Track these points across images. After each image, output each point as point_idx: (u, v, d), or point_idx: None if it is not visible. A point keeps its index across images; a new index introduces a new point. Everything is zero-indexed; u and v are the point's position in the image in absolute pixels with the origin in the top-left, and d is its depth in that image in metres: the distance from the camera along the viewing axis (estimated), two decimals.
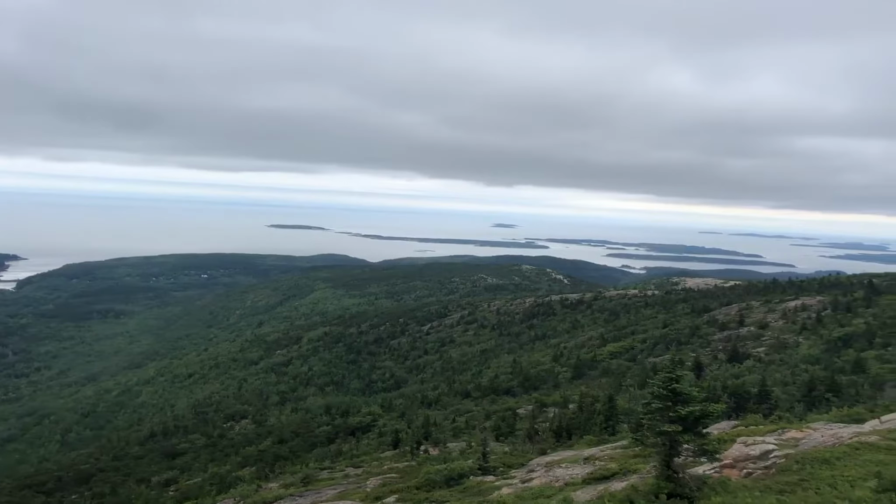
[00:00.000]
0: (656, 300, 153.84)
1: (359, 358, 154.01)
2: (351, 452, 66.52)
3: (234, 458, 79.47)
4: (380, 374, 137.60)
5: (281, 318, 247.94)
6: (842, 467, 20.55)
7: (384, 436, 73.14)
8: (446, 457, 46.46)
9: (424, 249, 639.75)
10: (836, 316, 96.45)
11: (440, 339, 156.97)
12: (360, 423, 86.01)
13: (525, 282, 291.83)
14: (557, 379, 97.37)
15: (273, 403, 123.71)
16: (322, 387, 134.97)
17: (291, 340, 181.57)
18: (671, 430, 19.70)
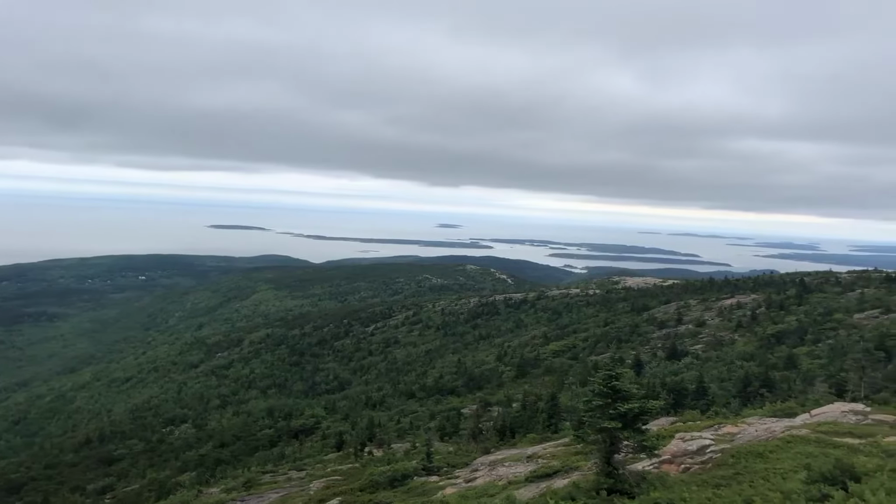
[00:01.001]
0: (597, 299, 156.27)
1: (302, 360, 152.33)
2: (294, 455, 65.84)
3: (174, 463, 77.84)
4: (323, 376, 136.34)
5: (222, 321, 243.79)
6: (774, 460, 21.22)
7: (328, 438, 72.58)
8: (391, 458, 46.32)
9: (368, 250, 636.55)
10: (769, 313, 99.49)
11: (385, 340, 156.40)
12: (304, 426, 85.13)
13: (469, 282, 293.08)
14: (501, 378, 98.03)
15: (214, 407, 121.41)
16: (264, 389, 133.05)
17: (233, 343, 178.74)
18: (611, 426, 20.01)
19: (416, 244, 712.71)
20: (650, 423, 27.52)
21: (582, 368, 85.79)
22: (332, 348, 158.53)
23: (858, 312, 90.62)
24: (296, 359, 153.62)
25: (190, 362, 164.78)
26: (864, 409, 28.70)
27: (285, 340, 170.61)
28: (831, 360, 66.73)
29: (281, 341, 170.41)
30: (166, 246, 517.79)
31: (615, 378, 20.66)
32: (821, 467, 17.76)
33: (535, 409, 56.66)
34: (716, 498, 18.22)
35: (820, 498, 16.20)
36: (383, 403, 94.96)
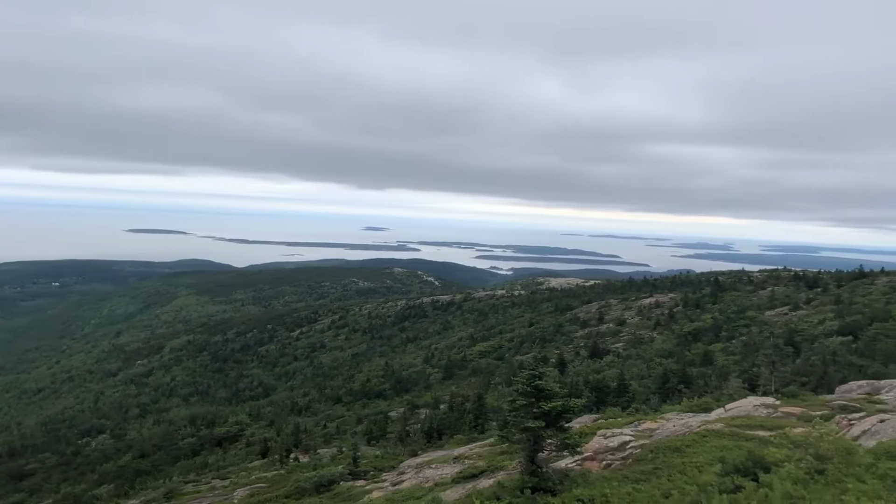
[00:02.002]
0: (523, 300, 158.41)
1: (225, 366, 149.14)
2: (217, 464, 64.43)
3: (91, 476, 74.92)
4: (247, 383, 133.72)
5: (141, 327, 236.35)
6: (691, 454, 21.94)
7: (252, 445, 71.27)
8: (317, 463, 45.85)
9: (293, 253, 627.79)
10: (686, 312, 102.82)
11: (310, 345, 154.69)
12: (227, 433, 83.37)
13: (397, 284, 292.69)
14: (429, 380, 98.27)
15: (133, 416, 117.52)
16: (186, 397, 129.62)
17: (153, 350, 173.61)
18: (535, 425, 20.30)
19: (342, 247, 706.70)
20: (573, 421, 28.09)
21: (508, 369, 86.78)
22: (257, 354, 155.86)
23: (769, 310, 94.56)
24: (219, 365, 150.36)
25: (108, 371, 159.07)
26: (774, 403, 29.96)
27: (207, 347, 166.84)
28: (744, 356, 69.38)
29: (203, 347, 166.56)
30: (82, 251, 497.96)
31: (538, 377, 20.97)
32: (734, 460, 18.45)
33: (462, 410, 56.98)
34: (636, 493, 18.71)
35: (733, 489, 16.83)
36: (309, 409, 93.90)
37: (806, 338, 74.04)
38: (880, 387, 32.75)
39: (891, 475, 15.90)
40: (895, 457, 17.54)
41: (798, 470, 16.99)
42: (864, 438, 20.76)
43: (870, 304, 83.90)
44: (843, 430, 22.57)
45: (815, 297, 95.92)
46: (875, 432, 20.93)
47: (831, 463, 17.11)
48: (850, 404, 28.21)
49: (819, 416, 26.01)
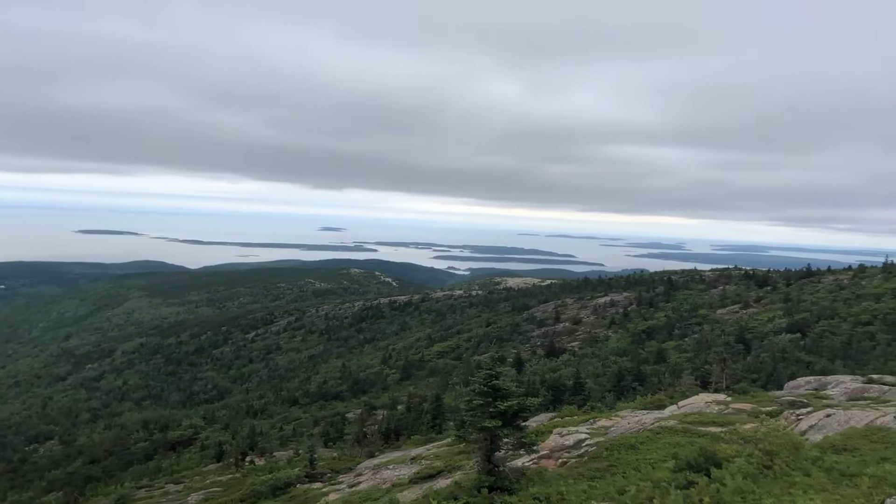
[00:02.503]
0: (480, 300, 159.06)
1: (179, 369, 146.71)
2: (171, 468, 63.37)
3: (39, 483, 73.01)
4: (202, 385, 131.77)
5: (92, 330, 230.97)
6: (645, 451, 22.27)
7: (207, 449, 70.33)
8: (273, 466, 45.42)
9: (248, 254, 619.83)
10: (640, 310, 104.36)
11: (266, 347, 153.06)
12: (181, 437, 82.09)
13: (354, 285, 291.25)
14: (386, 381, 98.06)
15: (84, 421, 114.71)
16: (139, 401, 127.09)
17: (104, 353, 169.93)
18: (491, 425, 20.36)
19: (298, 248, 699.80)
20: (530, 420, 28.29)
21: (465, 369, 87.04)
22: (211, 356, 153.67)
23: (721, 308, 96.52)
24: (172, 368, 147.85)
25: (56, 375, 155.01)
26: (725, 399, 30.57)
27: (161, 349, 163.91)
28: (697, 353, 70.74)
29: (156, 350, 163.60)
30: (29, 252, 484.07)
31: (495, 377, 21.04)
32: (687, 456, 18.76)
33: (420, 410, 56.97)
34: (591, 490, 18.91)
35: (686, 485, 17.11)
36: (265, 411, 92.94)
37: (756, 335, 75.80)
38: (827, 382, 33.65)
39: (836, 469, 16.35)
40: (840, 451, 18.05)
41: (748, 465, 17.36)
42: (811, 433, 21.31)
43: (817, 302, 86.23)
44: (791, 425, 23.15)
45: (765, 296, 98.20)
46: (821, 427, 21.51)
47: (780, 458, 17.52)
48: (798, 400, 28.93)
49: (768, 412, 26.66)
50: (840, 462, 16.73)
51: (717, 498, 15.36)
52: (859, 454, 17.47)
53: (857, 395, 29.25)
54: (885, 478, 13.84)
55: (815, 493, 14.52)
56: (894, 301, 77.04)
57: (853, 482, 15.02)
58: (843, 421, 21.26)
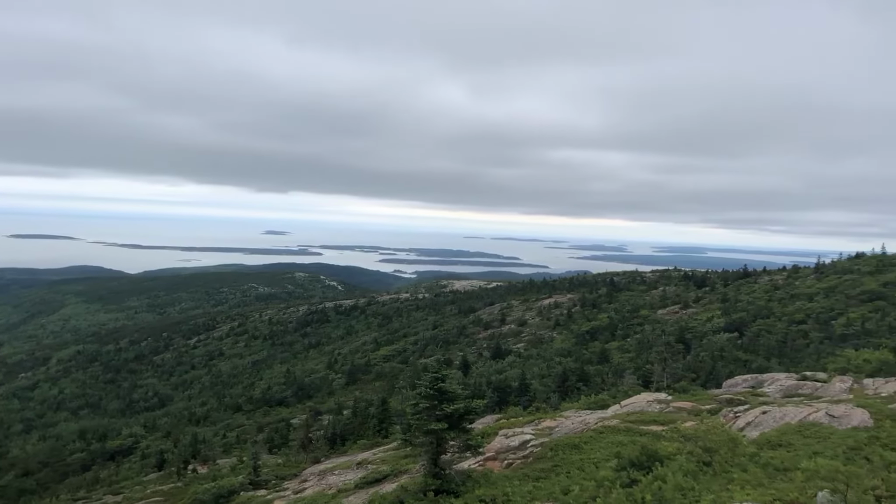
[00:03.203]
0: (426, 303, 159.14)
1: (118, 377, 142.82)
2: (110, 479, 61.69)
3: None
4: (142, 393, 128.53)
5: (25, 338, 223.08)
6: (589, 451, 22.56)
7: (148, 458, 68.65)
8: (216, 474, 44.59)
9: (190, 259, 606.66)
10: (584, 311, 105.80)
11: (208, 353, 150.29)
12: (121, 447, 79.93)
13: (298, 289, 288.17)
14: (332, 386, 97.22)
15: (17, 432, 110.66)
16: (76, 410, 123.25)
17: (38, 362, 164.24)
18: (438, 428, 20.39)
19: (241, 252, 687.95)
20: (476, 422, 28.39)
21: (412, 372, 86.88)
22: (152, 363, 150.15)
23: (661, 308, 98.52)
24: (111, 376, 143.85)
25: None
26: (666, 398, 31.19)
27: (99, 357, 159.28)
28: (638, 353, 72.02)
29: (94, 358, 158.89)
30: None
31: (441, 380, 21.08)
32: (629, 454, 19.09)
33: (366, 414, 56.64)
34: (536, 490, 19.08)
35: (629, 483, 17.41)
36: (208, 418, 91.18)
37: (696, 335, 77.57)
38: (763, 380, 34.62)
39: (772, 464, 16.84)
40: (776, 446, 18.60)
41: (689, 462, 17.75)
42: (748, 430, 21.89)
43: (753, 301, 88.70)
44: (729, 422, 23.74)
45: (704, 296, 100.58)
46: (758, 424, 22.11)
47: (718, 454, 17.97)
48: (735, 398, 29.70)
49: (707, 410, 27.32)
50: (775, 457, 17.24)
51: (658, 495, 15.64)
52: (793, 449, 18.03)
53: (791, 392, 30.17)
54: (817, 471, 14.28)
55: (752, 489, 14.91)
56: (826, 300, 79.79)
57: (788, 477, 15.49)
58: (778, 417, 21.89)
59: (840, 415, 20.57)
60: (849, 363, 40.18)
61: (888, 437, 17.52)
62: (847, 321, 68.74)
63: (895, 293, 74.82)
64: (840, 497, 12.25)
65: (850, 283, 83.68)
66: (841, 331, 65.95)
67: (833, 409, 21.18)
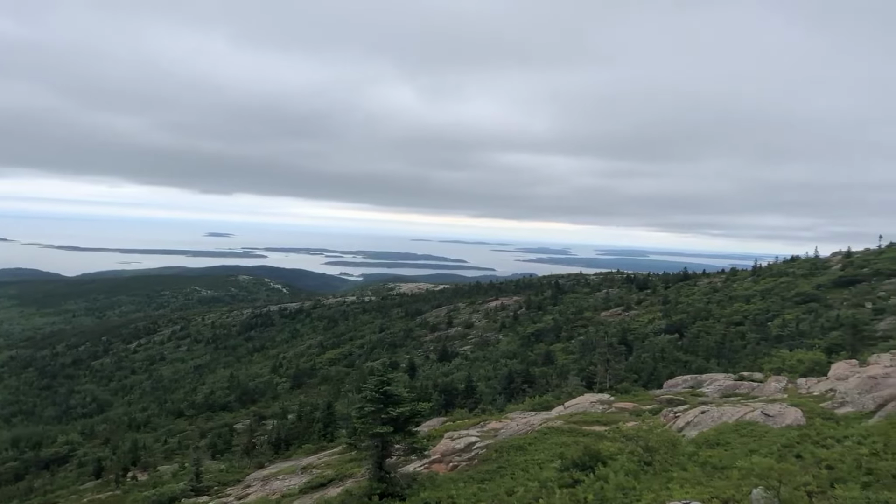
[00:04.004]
0: (373, 306, 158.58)
1: (54, 382, 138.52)
2: (44, 488, 59.74)
3: None
4: (79, 399, 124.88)
5: None
6: (533, 452, 22.79)
7: (85, 465, 66.76)
8: (156, 481, 43.66)
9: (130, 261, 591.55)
10: (529, 314, 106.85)
11: (149, 357, 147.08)
12: (56, 455, 77.51)
13: (242, 292, 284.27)
14: (277, 390, 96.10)
15: None
16: (8, 418, 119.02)
17: None
18: (383, 431, 20.36)
19: (183, 254, 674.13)
20: (422, 425, 28.41)
21: (358, 375, 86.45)
22: (90, 368, 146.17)
23: (605, 310, 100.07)
24: (46, 382, 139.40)
25: None
26: (609, 399, 31.71)
27: (34, 362, 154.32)
28: (582, 354, 72.98)
29: (28, 363, 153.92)
30: None
31: (387, 383, 21.05)
32: (572, 455, 19.35)
33: (312, 419, 56.15)
34: (481, 492, 19.18)
35: (572, 483, 17.64)
36: (148, 424, 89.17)
37: (638, 336, 79.01)
38: (702, 380, 35.46)
39: (710, 462, 17.27)
40: (713, 445, 19.08)
41: (630, 462, 18.08)
42: (687, 429, 22.41)
43: (693, 303, 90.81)
44: (669, 422, 24.26)
45: (646, 298, 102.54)
46: (697, 423, 22.65)
47: (659, 454, 18.35)
48: (675, 398, 30.37)
49: (648, 410, 27.86)
50: (713, 456, 17.69)
51: (600, 495, 15.90)
52: (730, 448, 18.52)
53: (729, 392, 30.98)
54: (752, 469, 14.71)
55: (691, 487, 15.27)
56: (763, 302, 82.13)
57: (725, 475, 15.90)
58: (716, 417, 22.46)
59: (775, 414, 21.22)
60: (783, 363, 41.41)
61: (819, 434, 18.13)
62: (782, 322, 70.85)
63: (828, 295, 77.45)
64: (773, 494, 12.63)
65: (786, 285, 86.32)
66: (776, 332, 67.92)
67: (768, 409, 21.83)
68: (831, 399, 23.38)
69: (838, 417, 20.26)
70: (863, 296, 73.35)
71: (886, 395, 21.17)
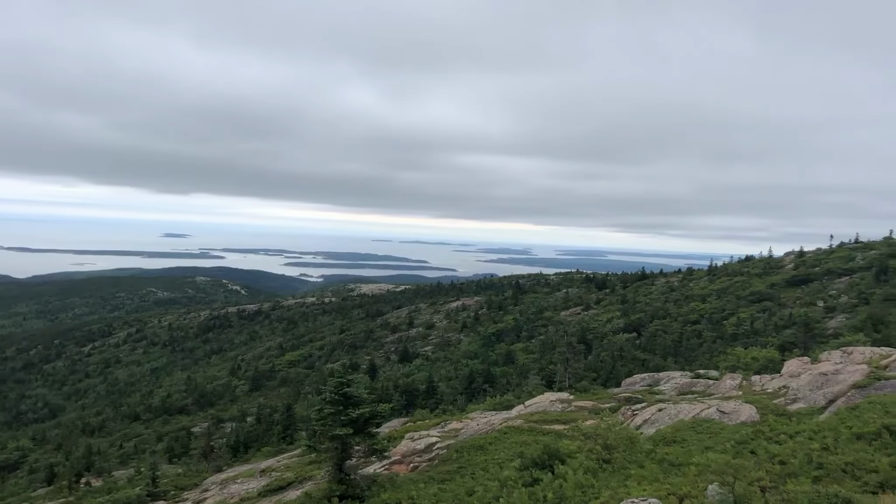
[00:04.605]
0: (334, 307, 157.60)
1: (4, 387, 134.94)
2: None
3: None
4: (31, 404, 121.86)
5: None
6: (493, 451, 22.87)
7: (36, 472, 65.06)
8: (111, 487, 42.79)
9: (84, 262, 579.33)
10: (490, 314, 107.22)
11: (104, 360, 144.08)
12: (7, 461, 75.36)
13: (200, 294, 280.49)
14: (235, 393, 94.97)
15: None
16: None
17: None
18: (343, 433, 20.23)
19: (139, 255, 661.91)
20: (383, 426, 28.31)
21: (318, 377, 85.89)
22: (42, 372, 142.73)
23: (564, 310, 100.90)
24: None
25: None
26: (568, 398, 31.95)
27: None
28: (542, 354, 73.50)
29: None
30: None
31: (347, 385, 20.94)
32: (532, 454, 19.45)
33: (271, 421, 55.64)
34: (441, 493, 19.18)
35: (531, 482, 17.74)
36: (103, 429, 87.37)
37: (597, 335, 79.83)
38: (659, 378, 35.94)
39: (667, 459, 17.52)
40: (670, 442, 19.35)
41: (589, 460, 18.25)
42: (645, 427, 22.69)
43: (650, 302, 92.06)
44: (627, 420, 24.55)
45: (605, 298, 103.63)
46: (654, 421, 22.95)
47: (617, 452, 18.55)
48: (633, 396, 30.72)
49: (607, 409, 28.15)
50: (670, 453, 17.94)
51: (559, 493, 16.02)
52: (687, 445, 18.80)
53: (686, 390, 31.44)
54: (708, 466, 14.95)
55: (648, 484, 15.47)
56: (718, 301, 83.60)
57: (681, 471, 16.15)
58: (673, 414, 22.78)
59: (730, 411, 21.60)
60: (738, 361, 42.15)
61: (772, 430, 18.50)
62: (737, 321, 72.21)
63: (781, 294, 79.17)
64: (728, 489, 12.85)
65: (740, 284, 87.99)
66: (732, 330, 69.22)
67: (723, 406, 22.21)
68: (784, 396, 23.88)
69: (791, 413, 20.70)
70: (815, 294, 75.15)
71: (836, 391, 21.69)
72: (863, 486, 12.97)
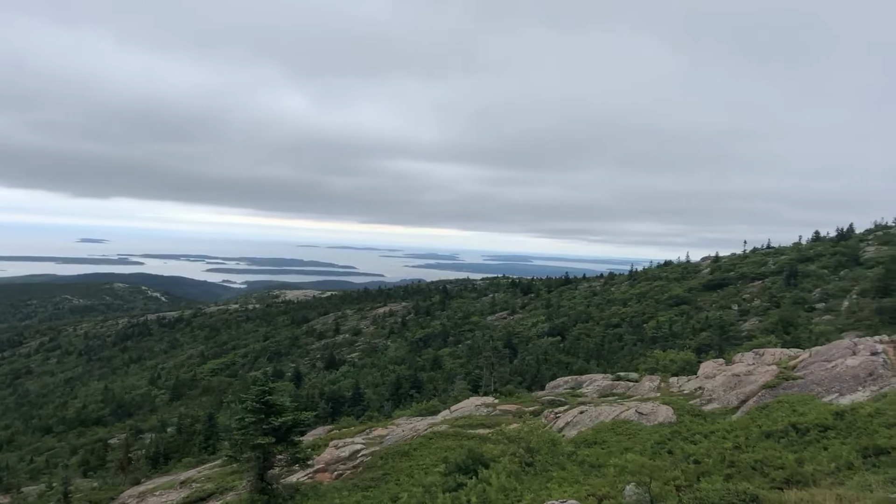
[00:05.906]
0: (257, 314, 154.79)
1: None
2: None
3: None
4: None
5: None
6: (418, 457, 22.88)
7: None
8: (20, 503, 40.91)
9: None
10: (417, 319, 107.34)
11: (14, 371, 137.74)
12: None
13: (118, 301, 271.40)
14: (155, 402, 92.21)
15: None
16: None
17: None
18: (264, 442, 19.90)
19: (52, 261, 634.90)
20: (307, 434, 27.98)
21: (242, 385, 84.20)
22: None
23: (491, 314, 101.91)
24: None
25: None
26: (493, 402, 32.25)
27: None
28: (469, 358, 74.00)
29: None
30: None
31: (269, 393, 20.62)
32: (456, 459, 19.56)
33: (192, 431, 54.24)
34: (365, 500, 19.09)
35: (455, 487, 17.81)
36: (12, 443, 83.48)
37: (522, 339, 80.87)
38: (582, 381, 36.64)
39: (587, 461, 17.87)
40: (591, 444, 19.75)
41: (512, 464, 18.45)
42: (567, 429, 23.09)
43: (574, 306, 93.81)
44: (550, 423, 24.93)
45: (530, 302, 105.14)
46: (576, 423, 23.38)
47: (540, 454, 18.82)
48: (557, 399, 31.23)
49: (531, 412, 28.52)
50: (591, 455, 18.31)
51: (483, 497, 16.13)
52: (607, 446, 19.23)
53: (607, 392, 32.15)
54: (626, 466, 15.31)
55: (569, 486, 15.75)
56: (638, 305, 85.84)
57: (601, 472, 16.49)
58: (594, 416, 23.26)
59: (648, 412, 22.19)
60: (657, 363, 43.37)
61: (688, 431, 19.10)
62: (657, 324, 74.29)
63: (698, 298, 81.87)
64: (645, 489, 13.19)
65: (659, 288, 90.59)
66: (651, 333, 71.15)
67: (642, 407, 22.80)
68: (700, 396, 24.69)
69: (706, 414, 21.42)
70: (729, 298, 78.01)
71: (748, 391, 22.56)
72: (770, 482, 13.50)
